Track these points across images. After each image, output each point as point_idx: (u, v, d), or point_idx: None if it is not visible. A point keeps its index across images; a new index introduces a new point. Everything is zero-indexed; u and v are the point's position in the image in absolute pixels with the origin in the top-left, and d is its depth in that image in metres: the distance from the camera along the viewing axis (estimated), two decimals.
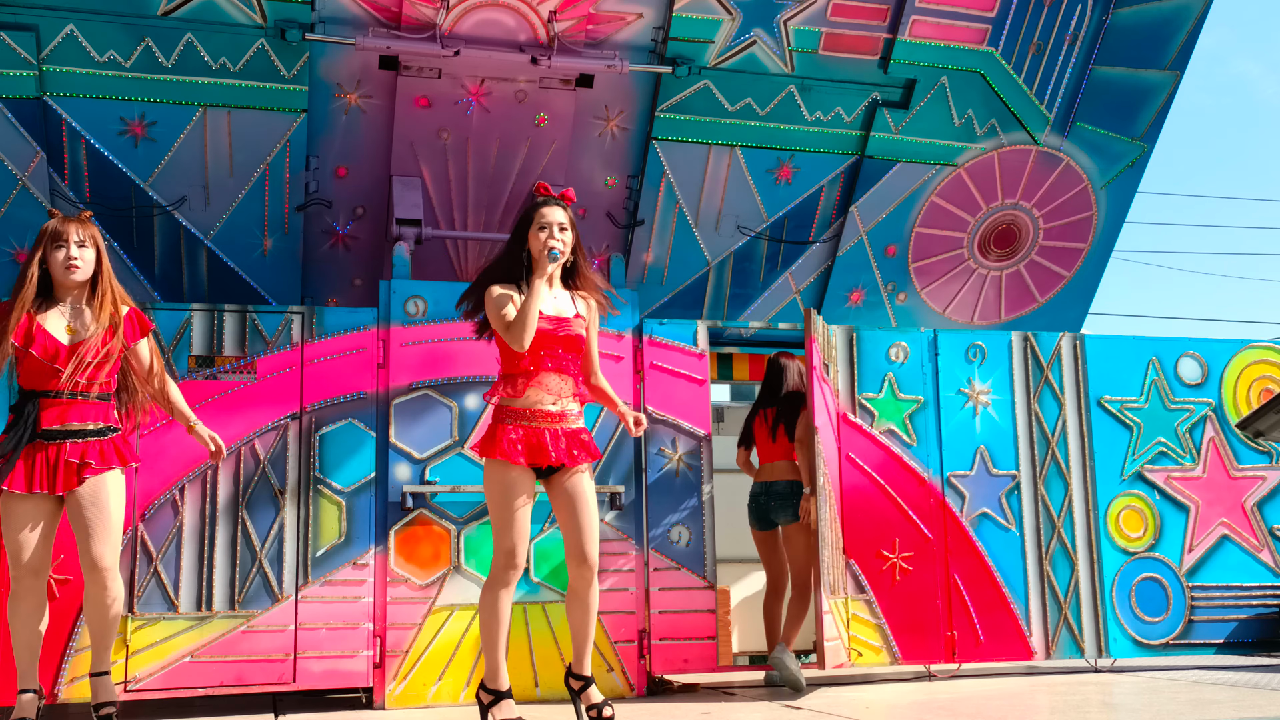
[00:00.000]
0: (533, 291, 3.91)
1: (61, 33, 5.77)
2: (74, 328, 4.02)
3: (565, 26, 6.22)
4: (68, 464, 3.94)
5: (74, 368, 3.95)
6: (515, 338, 3.88)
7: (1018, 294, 7.68)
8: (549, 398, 3.96)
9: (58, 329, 3.99)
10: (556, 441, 3.93)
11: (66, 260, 4.01)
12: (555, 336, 3.97)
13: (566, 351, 4.01)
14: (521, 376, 3.96)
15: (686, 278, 7.15)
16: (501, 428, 3.94)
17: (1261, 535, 6.25)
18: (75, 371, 3.96)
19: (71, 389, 3.97)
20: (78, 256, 4.03)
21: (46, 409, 3.95)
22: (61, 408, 3.96)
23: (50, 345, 3.94)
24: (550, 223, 4.00)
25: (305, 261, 6.68)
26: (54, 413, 3.96)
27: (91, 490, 3.95)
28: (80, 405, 3.99)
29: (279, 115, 6.16)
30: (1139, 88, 7.24)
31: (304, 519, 5.14)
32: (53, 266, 4.03)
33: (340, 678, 5.06)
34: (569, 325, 4.01)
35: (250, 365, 5.20)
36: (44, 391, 3.96)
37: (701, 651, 5.46)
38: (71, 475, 3.94)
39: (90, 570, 3.96)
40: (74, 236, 4.04)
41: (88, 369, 3.98)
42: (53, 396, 3.95)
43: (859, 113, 6.90)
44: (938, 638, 5.75)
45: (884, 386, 5.93)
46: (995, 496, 5.96)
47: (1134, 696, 4.97)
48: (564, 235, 4.01)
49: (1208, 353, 6.39)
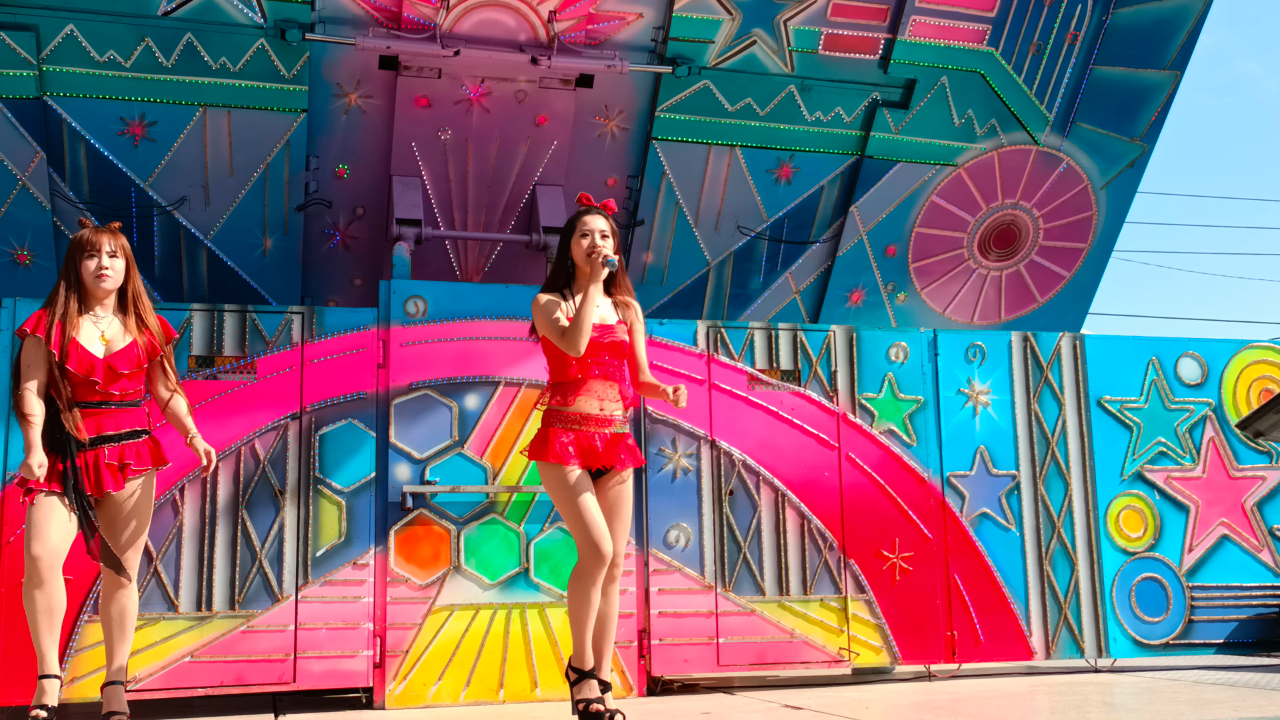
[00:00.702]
0: (587, 298, 3.97)
1: (61, 33, 5.77)
2: (107, 338, 4.11)
3: (565, 26, 6.22)
4: (108, 466, 4.02)
5: (107, 378, 4.05)
6: (570, 344, 3.96)
7: (1018, 294, 7.67)
8: (596, 403, 4.05)
9: (91, 340, 4.08)
10: (606, 444, 4.04)
11: (98, 270, 4.11)
12: (601, 344, 4.06)
13: (613, 358, 4.11)
14: (570, 385, 4.06)
15: (686, 278, 7.15)
16: (553, 431, 4.03)
17: (1261, 535, 6.25)
18: (109, 383, 4.06)
19: (107, 399, 4.07)
20: (109, 266, 4.12)
21: (85, 418, 4.04)
22: (98, 417, 4.06)
23: (85, 359, 4.03)
24: (591, 230, 4.11)
25: (305, 261, 6.67)
26: (91, 423, 4.05)
27: (129, 494, 4.07)
28: (115, 413, 4.09)
29: (279, 115, 6.16)
30: (1139, 88, 7.24)
31: (304, 519, 5.14)
32: (84, 275, 4.12)
33: (340, 678, 5.06)
34: (613, 332, 4.11)
35: (250, 365, 5.20)
36: (80, 402, 4.05)
37: (701, 652, 5.46)
38: (114, 476, 4.03)
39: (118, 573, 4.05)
40: (106, 247, 4.14)
41: (120, 379, 4.08)
42: (88, 407, 4.05)
43: (859, 113, 6.90)
44: (938, 638, 5.76)
45: (884, 386, 5.93)
46: (995, 496, 5.96)
47: (1134, 696, 4.97)
48: (605, 243, 4.10)
49: (1208, 353, 6.39)
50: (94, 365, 4.05)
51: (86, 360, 4.04)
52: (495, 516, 5.31)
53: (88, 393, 4.06)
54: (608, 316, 4.15)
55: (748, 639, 5.52)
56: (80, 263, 4.13)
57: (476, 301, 5.50)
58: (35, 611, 3.92)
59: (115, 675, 4.11)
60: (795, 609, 5.62)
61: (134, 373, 4.13)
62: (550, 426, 4.05)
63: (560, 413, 4.05)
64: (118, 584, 4.09)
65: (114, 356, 4.09)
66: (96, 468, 4.04)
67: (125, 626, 4.12)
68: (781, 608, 5.61)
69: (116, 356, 4.09)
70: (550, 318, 4.05)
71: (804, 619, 5.62)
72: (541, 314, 4.08)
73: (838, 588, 5.69)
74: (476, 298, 5.52)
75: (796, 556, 5.67)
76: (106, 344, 4.11)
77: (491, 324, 5.47)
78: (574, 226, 4.15)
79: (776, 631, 5.57)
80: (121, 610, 4.10)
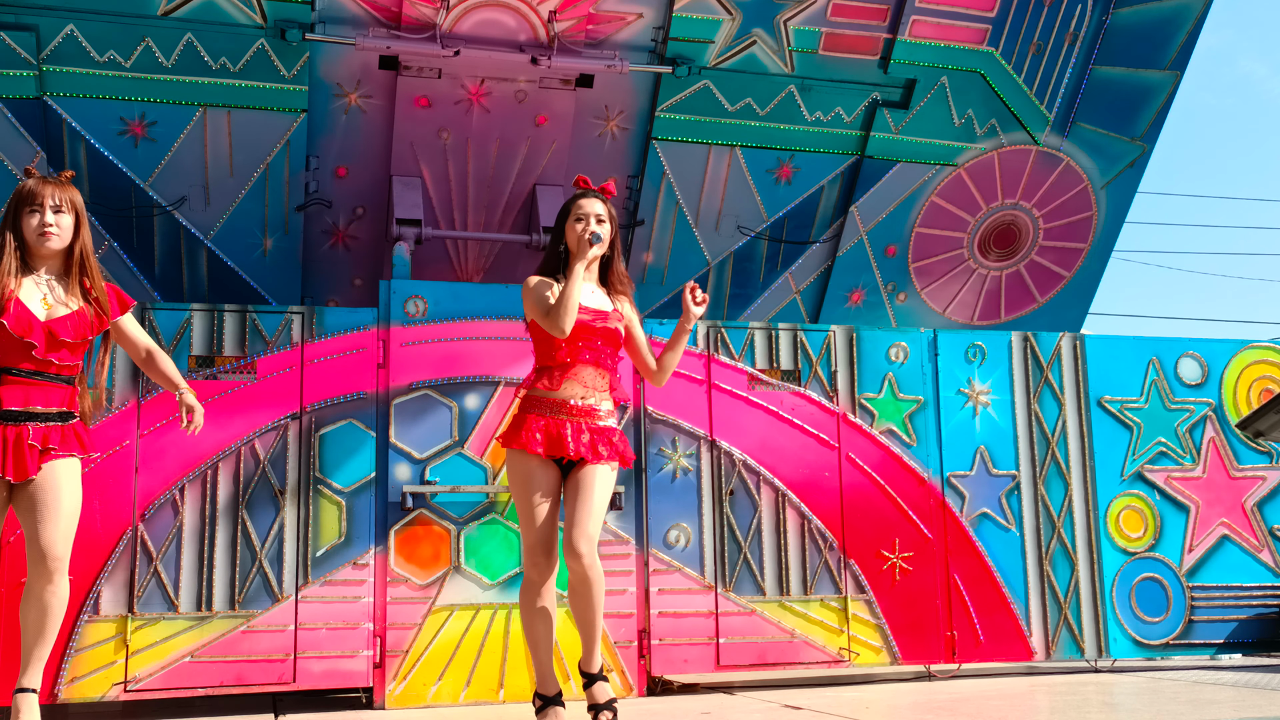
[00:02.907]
0: (573, 275, 3.82)
1: (61, 33, 5.77)
2: (50, 302, 3.63)
3: (565, 26, 6.22)
4: (30, 448, 3.56)
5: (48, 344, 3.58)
6: (555, 322, 3.79)
7: (1018, 294, 7.67)
8: (580, 390, 3.89)
9: (32, 301, 3.60)
10: (578, 435, 3.85)
11: (41, 226, 3.62)
12: (594, 329, 3.91)
13: (605, 344, 3.95)
14: (558, 369, 3.90)
15: (686, 278, 7.13)
16: (525, 417, 3.88)
17: (1261, 535, 6.25)
18: (49, 349, 3.58)
19: (42, 368, 3.60)
20: (53, 223, 3.64)
21: (9, 386, 3.56)
22: (27, 387, 3.58)
23: (24, 318, 3.55)
24: (587, 214, 3.96)
25: (305, 261, 6.67)
26: (18, 392, 3.57)
27: (50, 476, 3.59)
28: (46, 387, 3.62)
29: (279, 115, 6.16)
30: (1139, 88, 7.24)
31: (304, 519, 5.14)
32: (26, 232, 3.63)
33: (340, 678, 5.06)
34: (607, 318, 3.97)
35: (250, 365, 5.20)
36: (8, 368, 3.57)
37: (701, 652, 5.46)
38: (33, 460, 3.56)
39: (38, 562, 3.55)
40: (50, 200, 3.64)
41: (61, 348, 3.62)
42: (19, 375, 3.57)
43: (859, 113, 6.90)
44: (938, 638, 5.76)
45: (884, 386, 5.93)
46: (995, 496, 5.96)
47: (1134, 696, 4.97)
48: (601, 227, 3.96)
49: (1208, 353, 6.39)
50: (32, 326, 3.54)
51: (25, 319, 3.54)
52: (495, 516, 5.31)
53: (19, 358, 3.56)
54: (602, 304, 4.00)
55: (748, 639, 5.52)
56: (22, 217, 3.63)
57: (476, 301, 5.50)
58: None
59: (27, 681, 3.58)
60: (795, 609, 5.62)
61: (76, 344, 3.65)
62: (525, 412, 3.89)
63: (538, 398, 3.88)
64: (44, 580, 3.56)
65: (56, 322, 3.59)
66: (17, 447, 3.54)
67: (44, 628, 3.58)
68: (782, 608, 5.61)
69: (59, 322, 3.60)
70: (540, 296, 3.89)
71: (804, 619, 5.62)
72: (530, 294, 3.92)
73: (838, 588, 5.69)
74: (476, 298, 5.52)
75: (797, 556, 5.67)
76: (49, 308, 3.61)
77: (491, 324, 5.47)
78: (569, 210, 4.00)
79: (777, 631, 5.57)
80: (41, 610, 3.58)
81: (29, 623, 3.60)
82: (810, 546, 5.70)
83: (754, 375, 5.79)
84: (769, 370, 5.82)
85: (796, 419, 5.79)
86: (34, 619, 3.59)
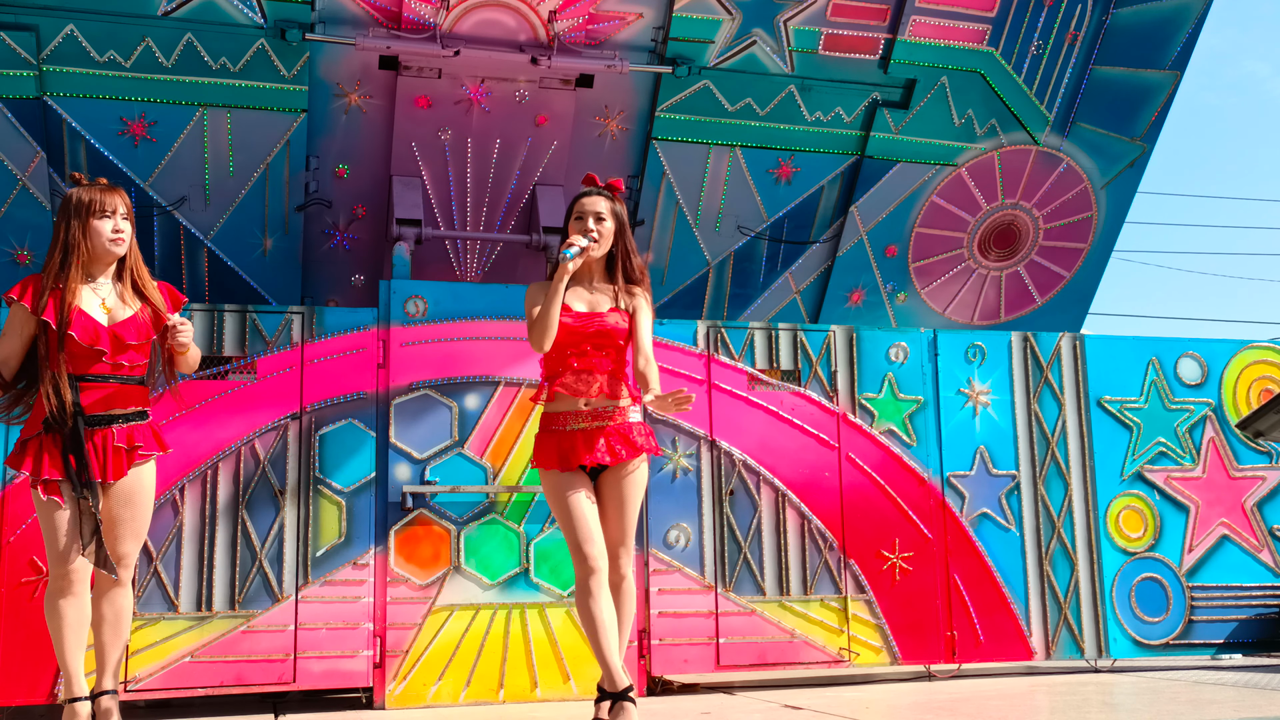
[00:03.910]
0: (551, 293, 3.74)
1: (61, 33, 5.77)
2: (109, 306, 3.74)
3: (565, 26, 6.22)
4: (117, 450, 3.67)
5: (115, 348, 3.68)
6: (534, 341, 3.79)
7: (1018, 294, 7.67)
8: (571, 400, 3.82)
9: (93, 308, 3.70)
10: (592, 443, 3.79)
11: (114, 232, 3.75)
12: (584, 333, 3.82)
13: (597, 348, 3.84)
14: (550, 380, 3.87)
15: (686, 278, 7.15)
16: (540, 437, 3.89)
17: (1261, 535, 6.25)
18: (117, 353, 3.69)
19: (115, 372, 3.71)
20: (123, 230, 3.77)
21: (87, 393, 3.66)
22: (106, 392, 3.69)
23: (90, 326, 3.66)
24: (587, 213, 3.87)
25: (305, 261, 6.67)
26: (98, 397, 3.67)
27: (135, 481, 3.72)
28: (123, 390, 3.73)
29: (279, 115, 6.16)
30: (1139, 88, 7.24)
31: (304, 519, 5.14)
32: (93, 238, 3.73)
33: (340, 678, 5.06)
34: (601, 320, 3.85)
35: (250, 365, 5.20)
36: (84, 375, 3.66)
37: (701, 652, 5.46)
38: (121, 461, 3.68)
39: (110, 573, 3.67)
40: (121, 208, 3.78)
41: (128, 350, 3.72)
42: (95, 381, 3.67)
43: (859, 113, 6.90)
44: (938, 638, 5.76)
45: (884, 386, 5.93)
46: (995, 496, 5.96)
47: (1134, 696, 4.97)
48: (602, 226, 3.86)
49: (1208, 353, 6.39)
50: (99, 334, 3.66)
51: (91, 328, 3.65)
52: (495, 516, 5.31)
53: (92, 364, 3.66)
54: (598, 304, 3.89)
55: (748, 639, 5.52)
56: (89, 223, 3.72)
57: (476, 301, 5.50)
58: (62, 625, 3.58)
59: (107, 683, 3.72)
60: (795, 609, 5.62)
61: (141, 345, 3.76)
62: (541, 431, 3.90)
63: (546, 415, 3.89)
64: (113, 582, 3.70)
65: (119, 326, 3.71)
66: (104, 450, 3.65)
67: (120, 629, 3.74)
68: (782, 608, 5.61)
69: (123, 326, 3.72)
70: (528, 311, 3.84)
71: (804, 619, 5.62)
72: (525, 304, 3.88)
73: (838, 588, 5.69)
74: (476, 298, 5.52)
75: (797, 556, 5.67)
76: (109, 313, 3.73)
77: (492, 324, 5.47)
78: (571, 209, 3.92)
79: (777, 631, 5.57)
80: (117, 612, 3.72)
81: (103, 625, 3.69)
82: (810, 546, 5.70)
83: (754, 375, 5.79)
84: (769, 370, 5.82)
85: (796, 419, 5.79)
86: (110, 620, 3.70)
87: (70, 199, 3.76)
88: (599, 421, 3.83)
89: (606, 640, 3.71)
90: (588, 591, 3.72)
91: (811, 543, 5.70)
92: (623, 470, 3.85)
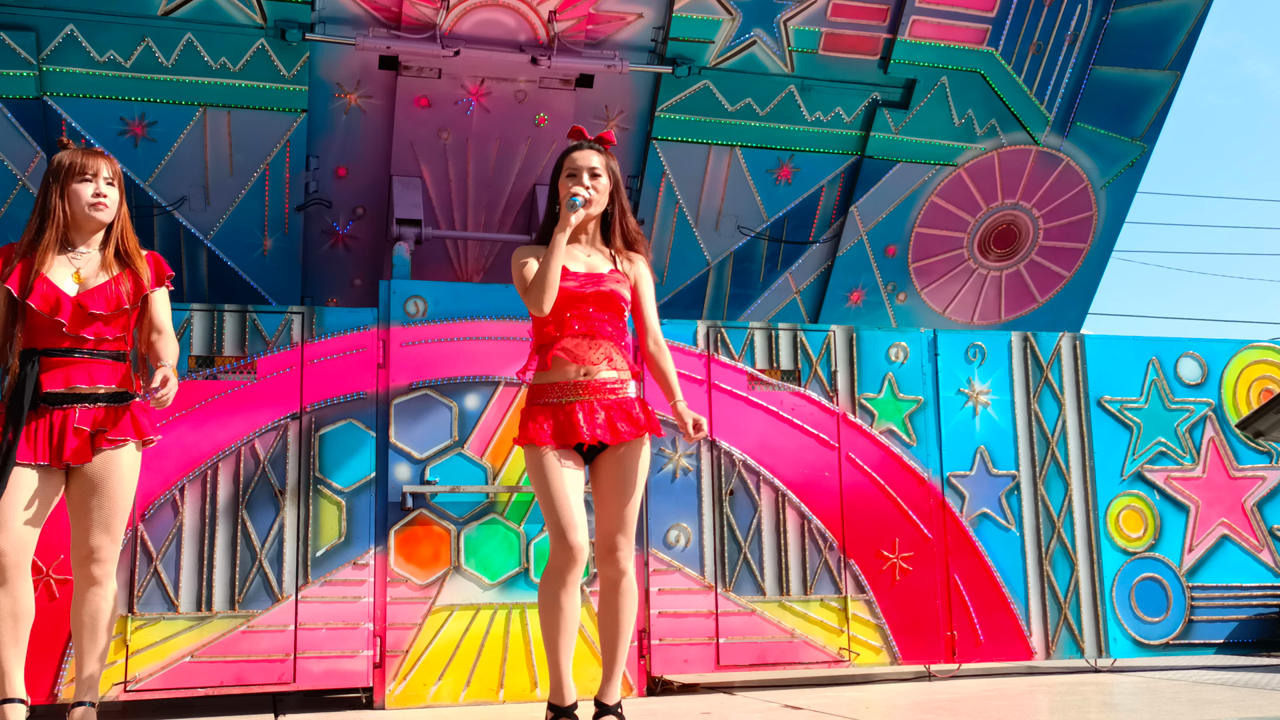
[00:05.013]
0: (553, 246, 3.41)
1: (61, 33, 5.77)
2: (83, 275, 3.48)
3: (565, 26, 6.23)
4: (77, 431, 3.38)
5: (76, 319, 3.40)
6: (533, 301, 3.42)
7: (1018, 294, 7.68)
8: (575, 367, 3.48)
9: (62, 277, 3.45)
10: (591, 416, 3.44)
11: (95, 196, 3.49)
12: (583, 294, 3.50)
13: (599, 311, 3.52)
14: (548, 346, 3.51)
15: (686, 278, 7.15)
16: (530, 409, 3.51)
17: (1261, 535, 6.25)
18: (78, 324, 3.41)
19: (77, 345, 3.43)
20: (106, 195, 3.51)
21: (48, 369, 3.39)
22: (65, 367, 3.40)
23: (50, 295, 3.40)
24: (580, 168, 3.54)
25: (305, 261, 6.68)
26: (58, 373, 3.40)
27: (102, 468, 3.41)
28: (86, 364, 3.43)
29: (279, 115, 6.16)
30: (1139, 88, 7.25)
31: (304, 519, 5.14)
32: (73, 203, 3.49)
33: (340, 678, 5.06)
34: (602, 281, 3.54)
35: (250, 365, 5.20)
36: (45, 350, 3.40)
37: (701, 652, 5.46)
38: (84, 446, 3.39)
39: (83, 564, 3.41)
40: (104, 171, 3.52)
41: (94, 322, 3.43)
42: (56, 355, 3.40)
43: (859, 113, 6.90)
44: (938, 638, 5.76)
45: (884, 386, 5.93)
46: (995, 496, 5.96)
47: (1134, 696, 4.97)
48: (596, 182, 3.55)
49: (1208, 353, 6.39)
50: (60, 303, 3.38)
51: (51, 297, 3.38)
52: (495, 516, 5.31)
53: (52, 337, 3.39)
54: (598, 265, 3.59)
55: (748, 639, 5.52)
56: (69, 186, 3.47)
57: (476, 301, 5.50)
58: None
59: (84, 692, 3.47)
60: (795, 609, 5.62)
61: (112, 316, 3.46)
62: (530, 404, 3.52)
63: (538, 386, 3.51)
64: (89, 582, 3.42)
65: (85, 295, 3.42)
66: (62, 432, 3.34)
67: (97, 634, 3.45)
68: (782, 608, 5.61)
69: (90, 294, 3.43)
70: (520, 274, 3.50)
71: (804, 619, 5.62)
72: (514, 269, 3.54)
73: (838, 588, 5.69)
74: (476, 298, 5.52)
75: (797, 556, 5.67)
76: (80, 282, 3.45)
77: (491, 324, 5.47)
78: (561, 164, 3.59)
79: (777, 631, 5.57)
80: (92, 614, 3.44)
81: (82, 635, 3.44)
82: (810, 546, 5.70)
83: (754, 375, 5.79)
84: (769, 370, 5.83)
85: (796, 419, 5.79)
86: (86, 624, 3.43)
87: (51, 163, 3.54)
88: (599, 395, 3.48)
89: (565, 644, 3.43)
90: (561, 581, 3.39)
91: (811, 543, 5.70)
92: (624, 450, 3.50)
